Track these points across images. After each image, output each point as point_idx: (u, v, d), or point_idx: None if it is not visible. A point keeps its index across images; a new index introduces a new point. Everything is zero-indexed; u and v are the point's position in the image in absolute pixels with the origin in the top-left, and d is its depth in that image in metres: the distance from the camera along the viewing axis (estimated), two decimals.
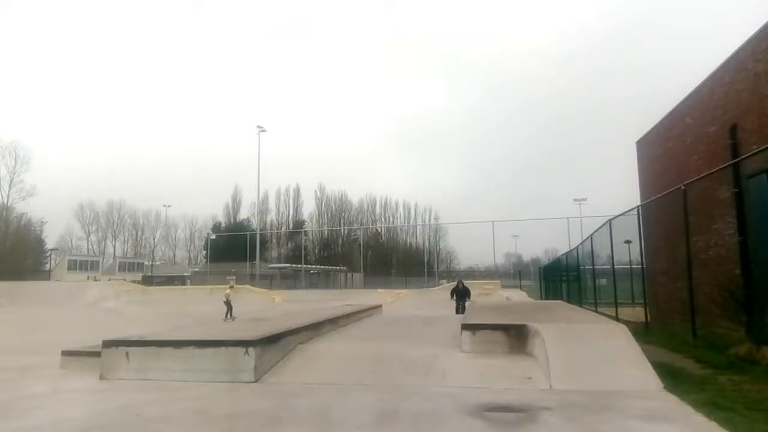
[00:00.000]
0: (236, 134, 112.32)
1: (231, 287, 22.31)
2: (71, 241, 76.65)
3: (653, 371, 5.12)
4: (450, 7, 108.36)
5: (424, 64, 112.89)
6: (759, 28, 8.09)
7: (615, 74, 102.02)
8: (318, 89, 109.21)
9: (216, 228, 71.65)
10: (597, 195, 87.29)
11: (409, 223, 78.83)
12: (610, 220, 13.39)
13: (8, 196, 59.94)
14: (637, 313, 11.76)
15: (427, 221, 76.87)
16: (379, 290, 30.80)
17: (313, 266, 60.13)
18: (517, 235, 54.04)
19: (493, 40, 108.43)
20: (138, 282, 42.41)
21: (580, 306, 14.22)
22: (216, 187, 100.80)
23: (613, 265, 13.39)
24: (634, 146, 14.67)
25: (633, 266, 13.29)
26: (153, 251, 79.51)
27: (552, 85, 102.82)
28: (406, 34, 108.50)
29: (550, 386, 5.04)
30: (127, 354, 5.89)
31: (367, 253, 66.98)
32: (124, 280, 43.86)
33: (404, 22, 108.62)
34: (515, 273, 49.64)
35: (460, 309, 16.40)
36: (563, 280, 24.23)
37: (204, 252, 67.44)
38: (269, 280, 44.45)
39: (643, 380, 4.99)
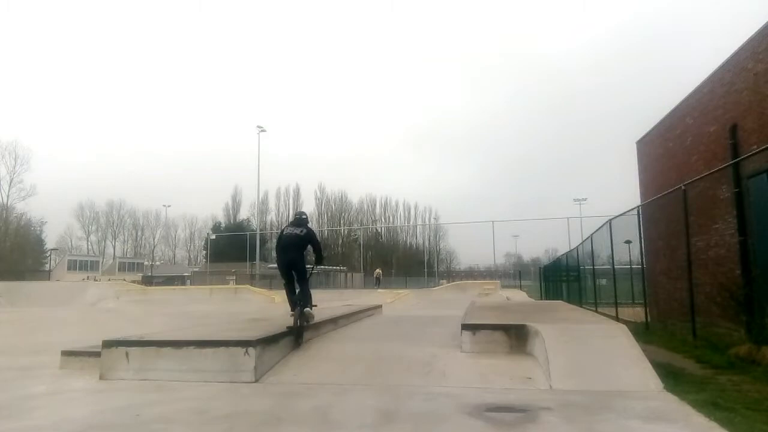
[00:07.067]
0: (236, 134, 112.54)
1: None
2: (71, 241, 76.71)
3: (653, 371, 5.11)
4: (447, 10, 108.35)
5: (427, 67, 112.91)
6: (759, 29, 8.09)
7: (617, 77, 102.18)
8: (319, 89, 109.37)
9: (216, 228, 71.63)
10: (597, 195, 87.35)
11: (409, 223, 78.96)
12: (610, 220, 13.39)
13: (8, 196, 60.07)
14: (637, 313, 11.75)
15: (427, 221, 76.98)
16: (379, 290, 30.78)
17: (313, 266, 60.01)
18: (517, 235, 54.19)
19: (498, 46, 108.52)
20: (138, 282, 42.36)
21: (580, 306, 14.21)
22: (216, 187, 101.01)
23: (613, 265, 13.39)
24: (635, 146, 14.67)
25: (633, 266, 13.29)
26: (153, 251, 79.68)
27: (556, 89, 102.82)
28: (410, 35, 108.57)
29: (551, 386, 5.04)
30: (126, 354, 5.88)
31: (367, 253, 66.97)
32: (124, 280, 43.86)
33: (407, 23, 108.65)
34: (515, 273, 49.66)
35: None
36: (563, 280, 24.22)
37: (204, 252, 67.45)
38: (269, 280, 44.33)
39: (643, 380, 4.98)
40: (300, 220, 7.29)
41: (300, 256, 7.04)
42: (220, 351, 5.74)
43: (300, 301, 6.89)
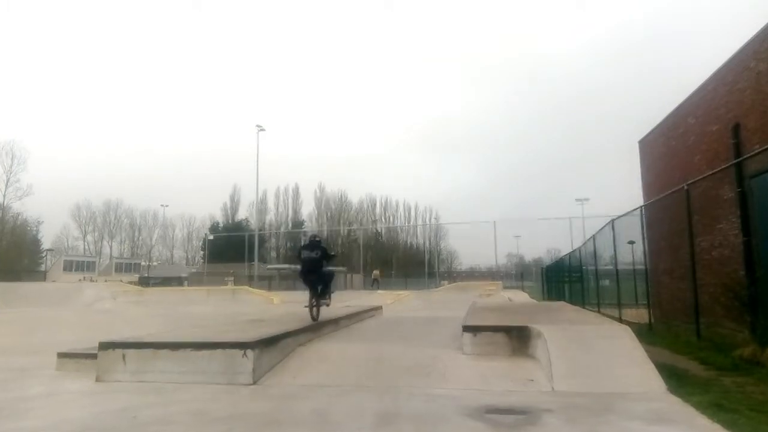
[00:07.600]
0: (236, 133, 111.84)
1: None
2: (67, 241, 76.34)
3: (657, 373, 5.06)
4: (447, 10, 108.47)
5: (427, 67, 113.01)
6: (762, 27, 8.03)
7: (617, 76, 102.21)
8: (318, 89, 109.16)
9: (214, 228, 71.39)
10: (599, 195, 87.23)
11: (409, 223, 78.85)
12: (612, 221, 13.31)
13: (4, 196, 59.66)
14: (641, 314, 11.70)
15: (427, 221, 76.83)
16: (379, 291, 30.70)
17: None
18: (519, 236, 54.01)
19: (498, 46, 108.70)
20: (135, 283, 42.26)
21: (583, 307, 14.16)
22: (214, 186, 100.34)
23: (616, 265, 13.32)
24: (637, 146, 14.61)
25: (636, 267, 13.22)
26: (150, 252, 79.49)
27: (556, 89, 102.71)
28: (410, 35, 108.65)
29: (552, 388, 4.98)
30: (123, 356, 5.82)
31: (367, 253, 66.92)
32: (121, 281, 43.70)
33: (406, 24, 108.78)
34: (517, 274, 49.64)
35: None
36: (565, 281, 24.16)
37: (202, 252, 67.28)
38: (268, 281, 44.27)
39: (646, 382, 4.93)
40: (314, 243, 8.59)
41: (321, 272, 8.52)
42: (217, 353, 5.68)
43: (321, 294, 8.57)
